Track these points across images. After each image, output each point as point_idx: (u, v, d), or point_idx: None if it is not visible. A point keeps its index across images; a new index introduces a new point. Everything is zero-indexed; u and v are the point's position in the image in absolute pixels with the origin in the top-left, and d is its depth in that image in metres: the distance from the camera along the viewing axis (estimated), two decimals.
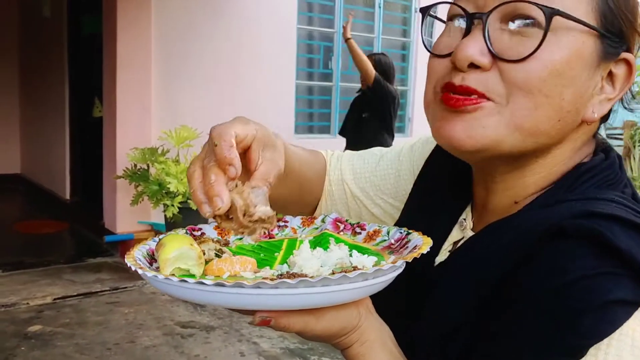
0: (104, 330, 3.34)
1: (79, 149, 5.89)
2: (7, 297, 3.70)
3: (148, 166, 4.44)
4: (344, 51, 6.09)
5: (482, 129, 0.57)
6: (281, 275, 0.52)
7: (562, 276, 0.49)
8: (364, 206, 0.83)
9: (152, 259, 0.59)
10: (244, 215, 0.51)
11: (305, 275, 0.51)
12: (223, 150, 0.53)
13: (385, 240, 0.64)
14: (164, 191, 4.21)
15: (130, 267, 0.52)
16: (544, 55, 0.55)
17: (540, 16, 0.55)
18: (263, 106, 5.22)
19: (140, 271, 0.51)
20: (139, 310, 3.64)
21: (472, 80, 0.57)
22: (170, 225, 4.38)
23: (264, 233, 0.53)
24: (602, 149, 0.65)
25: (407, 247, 0.59)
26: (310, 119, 6.18)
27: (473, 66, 0.57)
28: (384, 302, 0.60)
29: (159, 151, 4.43)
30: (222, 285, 0.47)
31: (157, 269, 0.55)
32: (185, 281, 0.48)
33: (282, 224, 0.71)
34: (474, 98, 0.57)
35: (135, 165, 4.45)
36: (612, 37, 0.57)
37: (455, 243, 0.68)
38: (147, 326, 3.43)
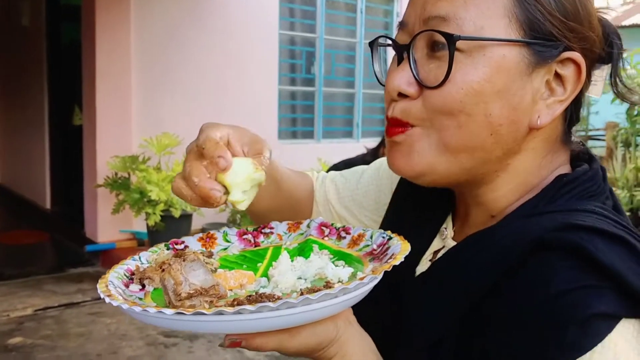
0: (86, 341, 3.29)
1: (60, 158, 5.82)
2: None
3: (129, 174, 4.39)
4: (326, 56, 6.10)
5: (416, 154, 0.59)
6: (249, 296, 0.50)
7: (545, 289, 0.49)
8: (349, 224, 0.83)
9: (130, 279, 0.58)
10: (177, 296, 0.51)
11: (272, 297, 0.49)
12: (211, 149, 0.56)
13: (368, 245, 0.64)
14: (145, 199, 4.17)
15: (105, 299, 0.50)
16: (457, 77, 0.56)
17: (446, 43, 0.55)
18: (246, 112, 5.20)
19: (106, 297, 0.50)
20: (122, 321, 3.59)
21: (397, 110, 0.60)
22: (153, 233, 4.33)
23: (213, 302, 0.52)
24: (585, 159, 0.64)
25: (387, 253, 0.59)
26: (294, 124, 6.17)
27: (403, 95, 0.59)
28: (366, 313, 0.59)
29: (140, 159, 4.39)
30: (183, 314, 0.46)
31: (140, 289, 0.55)
32: (162, 312, 0.47)
33: (268, 230, 0.70)
34: (401, 127, 0.60)
35: (116, 174, 4.40)
36: (541, 42, 0.56)
37: (436, 252, 0.68)
38: (129, 336, 3.38)
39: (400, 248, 0.57)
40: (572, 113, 0.62)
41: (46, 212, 5.81)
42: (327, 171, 0.92)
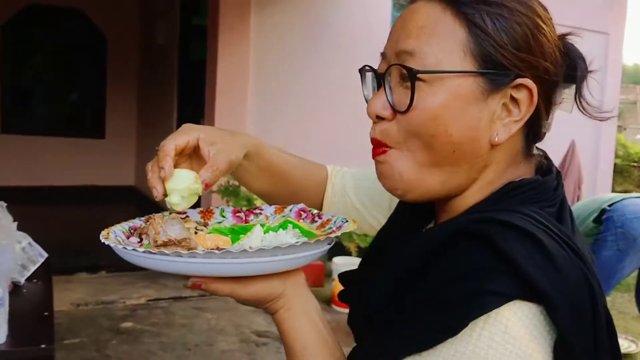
0: (187, 332, 3.62)
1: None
2: (107, 295, 4.11)
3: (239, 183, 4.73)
4: None
5: (397, 175, 0.69)
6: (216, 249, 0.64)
7: (454, 269, 0.58)
8: (363, 217, 0.96)
9: (131, 234, 0.73)
10: (155, 241, 0.66)
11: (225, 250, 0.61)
12: (159, 157, 0.71)
13: (331, 227, 0.75)
14: (252, 207, 4.47)
15: (102, 240, 0.66)
16: (419, 104, 0.65)
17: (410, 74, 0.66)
18: (354, 131, 5.37)
19: (104, 240, 0.66)
20: (221, 317, 3.88)
21: (377, 131, 0.70)
22: None
23: (187, 248, 0.65)
24: (543, 171, 0.72)
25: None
26: None
27: (380, 117, 0.70)
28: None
29: None
30: (150, 252, 0.61)
31: (138, 242, 0.70)
32: (136, 250, 0.62)
33: (258, 211, 0.83)
34: (381, 148, 0.70)
35: (229, 182, 4.76)
36: (493, 71, 0.65)
37: None
38: (226, 332, 3.66)
39: (348, 227, 0.69)
40: (529, 130, 0.69)
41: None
42: None
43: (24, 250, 2.00)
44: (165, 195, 0.69)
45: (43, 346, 1.53)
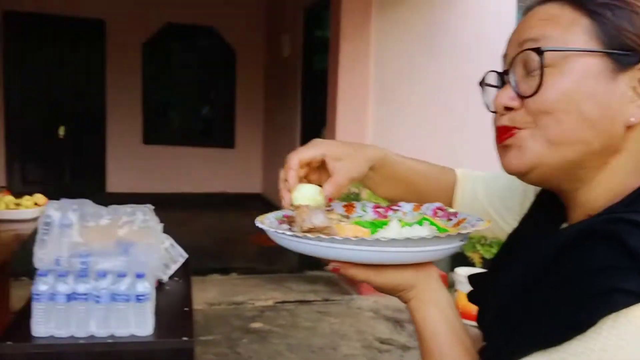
0: (312, 335, 3.72)
1: None
2: (238, 296, 4.34)
3: (359, 190, 4.80)
4: None
5: (525, 150, 0.70)
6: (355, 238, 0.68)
7: (583, 266, 0.58)
8: (494, 221, 0.96)
9: (284, 221, 0.80)
10: (300, 227, 0.72)
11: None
12: (284, 171, 0.79)
13: (466, 226, 0.77)
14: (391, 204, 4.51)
15: (257, 224, 0.74)
16: (549, 84, 0.67)
17: (537, 58, 0.67)
18: (476, 137, 5.24)
19: (259, 224, 0.74)
20: (344, 322, 3.95)
21: (504, 119, 0.72)
22: None
23: (328, 235, 0.70)
24: None
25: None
26: None
27: (508, 109, 0.71)
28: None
29: None
30: (297, 235, 0.67)
31: (289, 229, 0.76)
32: (284, 233, 0.68)
33: (396, 207, 0.87)
34: (508, 132, 0.71)
35: (349, 190, 4.84)
36: (618, 52, 0.65)
37: None
38: (349, 337, 3.72)
39: (482, 225, 0.72)
40: None
41: None
42: None
43: (167, 251, 2.18)
44: (292, 204, 0.77)
45: (185, 339, 1.66)
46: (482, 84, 0.80)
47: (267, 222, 0.76)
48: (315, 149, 0.82)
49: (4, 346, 1.55)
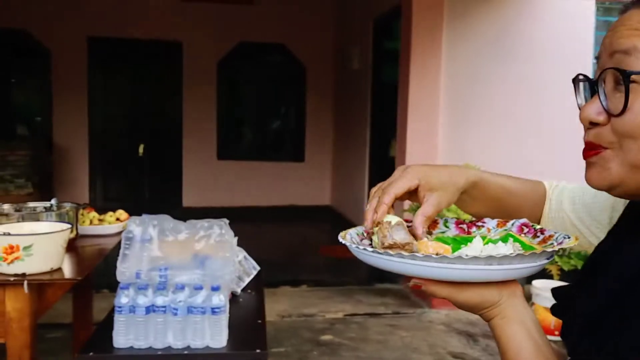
0: (383, 348, 3.70)
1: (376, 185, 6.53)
2: (308, 308, 4.38)
3: None
4: None
5: (608, 172, 0.69)
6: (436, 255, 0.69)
7: None
8: (581, 234, 0.95)
9: (364, 237, 0.82)
10: (382, 243, 0.73)
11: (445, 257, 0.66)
12: (378, 203, 0.79)
13: (553, 243, 0.76)
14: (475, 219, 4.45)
15: (339, 239, 0.76)
16: (635, 106, 0.65)
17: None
18: (551, 146, 5.08)
19: (341, 240, 0.76)
20: (415, 335, 3.91)
21: (591, 135, 0.71)
22: None
23: (409, 251, 0.71)
24: None
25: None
26: None
27: (594, 123, 0.70)
28: None
29: None
30: (388, 254, 0.68)
31: (369, 244, 0.78)
32: (366, 249, 0.70)
33: (480, 224, 0.87)
34: (594, 150, 0.70)
35: None
36: None
37: None
38: (420, 351, 3.68)
39: (569, 243, 0.71)
40: None
41: None
42: None
43: (241, 263, 2.25)
44: (372, 230, 0.78)
45: (258, 351, 1.71)
46: (576, 82, 0.77)
47: (348, 237, 0.78)
48: (410, 181, 0.82)
49: (86, 357, 1.63)
